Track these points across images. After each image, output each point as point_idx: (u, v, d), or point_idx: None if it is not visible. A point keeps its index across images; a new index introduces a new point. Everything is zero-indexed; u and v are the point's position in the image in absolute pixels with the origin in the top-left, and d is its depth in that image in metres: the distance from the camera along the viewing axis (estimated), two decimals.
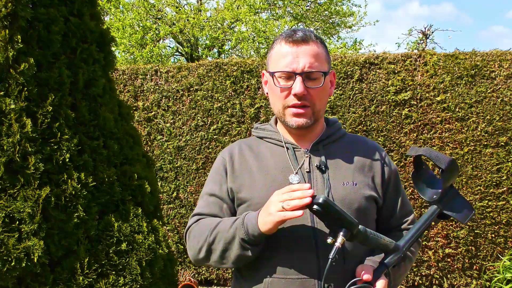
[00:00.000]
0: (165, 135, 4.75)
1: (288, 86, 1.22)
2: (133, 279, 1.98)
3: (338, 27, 13.43)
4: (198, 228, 1.27)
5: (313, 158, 1.26)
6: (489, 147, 4.27)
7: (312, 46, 1.23)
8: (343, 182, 1.23)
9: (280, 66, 1.23)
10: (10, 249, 1.73)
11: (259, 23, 11.13)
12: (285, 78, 1.23)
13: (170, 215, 4.74)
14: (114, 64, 2.34)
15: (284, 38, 1.25)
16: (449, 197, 1.17)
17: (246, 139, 1.41)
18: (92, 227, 1.95)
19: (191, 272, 4.63)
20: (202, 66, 4.73)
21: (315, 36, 1.26)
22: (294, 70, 1.20)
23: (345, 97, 4.47)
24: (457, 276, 4.34)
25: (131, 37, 11.00)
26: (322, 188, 1.21)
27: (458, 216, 1.16)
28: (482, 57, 4.32)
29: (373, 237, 1.09)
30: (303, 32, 1.24)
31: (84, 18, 2.09)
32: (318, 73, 1.22)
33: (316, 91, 1.22)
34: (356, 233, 1.05)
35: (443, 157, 1.11)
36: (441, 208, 1.16)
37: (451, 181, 1.16)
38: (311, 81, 1.22)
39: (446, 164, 1.10)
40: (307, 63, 1.20)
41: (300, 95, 1.20)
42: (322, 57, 1.24)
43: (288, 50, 1.22)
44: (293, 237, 1.17)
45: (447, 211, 1.16)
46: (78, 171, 1.92)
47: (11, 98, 1.80)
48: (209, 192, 1.33)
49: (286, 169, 1.25)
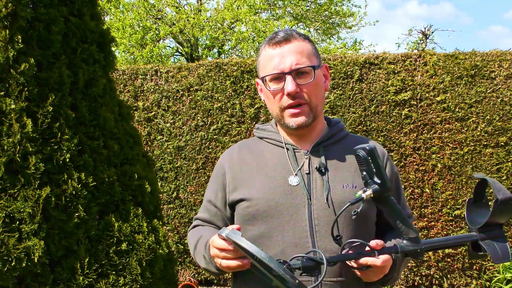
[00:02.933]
0: (165, 135, 4.75)
1: (280, 88, 1.22)
2: (133, 279, 1.98)
3: (338, 28, 13.43)
4: (191, 235, 1.38)
5: (313, 159, 1.26)
6: (489, 147, 4.28)
7: (296, 44, 1.23)
8: (343, 185, 1.22)
9: (268, 70, 1.23)
10: (10, 249, 1.73)
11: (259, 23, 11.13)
12: (275, 81, 1.23)
13: (170, 215, 4.74)
14: (114, 64, 2.34)
15: (267, 43, 1.26)
16: (493, 234, 1.11)
17: (247, 140, 1.41)
18: (92, 227, 1.95)
19: (191, 272, 4.63)
20: (202, 66, 4.73)
21: (298, 34, 1.26)
22: (282, 70, 1.21)
23: (345, 97, 4.47)
24: (457, 276, 4.34)
25: (131, 37, 11.01)
26: (322, 190, 1.21)
27: (492, 254, 1.09)
28: (482, 57, 4.32)
29: (399, 213, 1.05)
30: (284, 32, 1.25)
31: (85, 18, 2.09)
32: (307, 68, 1.21)
33: (309, 86, 1.22)
34: (386, 196, 1.02)
35: (505, 191, 1.07)
36: (478, 238, 1.10)
37: (502, 218, 1.11)
38: (302, 78, 1.21)
39: (504, 197, 1.05)
40: (294, 60, 1.20)
41: (293, 93, 1.20)
42: (308, 52, 1.24)
43: (272, 53, 1.23)
44: (291, 241, 1.17)
45: (483, 244, 1.10)
46: (78, 171, 1.93)
47: (11, 98, 1.80)
48: (207, 198, 1.38)
49: (286, 170, 1.24)
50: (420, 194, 4.39)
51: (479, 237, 1.10)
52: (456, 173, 4.32)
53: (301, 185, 1.21)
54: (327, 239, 1.16)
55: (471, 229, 1.13)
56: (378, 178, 1.00)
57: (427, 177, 4.37)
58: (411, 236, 1.07)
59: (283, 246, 1.17)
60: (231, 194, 1.29)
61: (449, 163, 4.33)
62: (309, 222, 1.17)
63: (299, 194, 1.20)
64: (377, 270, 1.09)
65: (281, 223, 1.19)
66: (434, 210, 4.36)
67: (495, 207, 1.06)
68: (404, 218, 1.06)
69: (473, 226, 1.12)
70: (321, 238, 1.16)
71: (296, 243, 1.16)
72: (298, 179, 1.22)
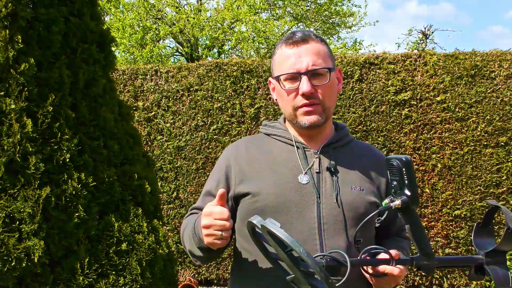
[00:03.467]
0: (165, 135, 4.75)
1: (295, 87, 1.21)
2: (133, 279, 1.98)
3: (338, 27, 13.44)
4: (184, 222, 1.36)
5: (323, 159, 1.26)
6: (489, 147, 4.28)
7: (313, 44, 1.23)
8: (351, 187, 1.23)
9: (284, 69, 1.23)
10: (10, 249, 1.73)
11: (259, 23, 11.13)
12: (290, 80, 1.23)
13: (170, 215, 4.74)
14: (114, 64, 2.34)
15: (284, 42, 1.26)
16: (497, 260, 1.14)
17: (252, 136, 1.41)
18: (92, 227, 1.95)
19: (191, 272, 4.63)
20: (202, 66, 4.73)
21: (315, 35, 1.26)
22: (298, 70, 1.20)
23: (345, 97, 4.48)
24: (457, 276, 4.34)
25: (131, 37, 11.01)
26: (331, 190, 1.21)
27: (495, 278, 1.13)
28: (482, 57, 4.32)
29: (420, 227, 1.06)
30: (302, 33, 1.25)
31: (85, 18, 2.09)
32: (323, 70, 1.22)
33: (324, 88, 1.22)
34: (412, 209, 1.03)
35: None
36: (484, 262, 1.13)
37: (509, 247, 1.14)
38: (317, 79, 1.21)
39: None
40: (310, 61, 1.20)
41: (308, 93, 1.20)
42: (325, 54, 1.24)
43: (289, 52, 1.23)
44: (299, 238, 1.16)
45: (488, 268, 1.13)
46: (78, 171, 1.93)
47: (11, 98, 1.80)
48: (206, 189, 1.36)
49: (296, 168, 1.24)
50: (420, 194, 4.38)
51: (484, 260, 1.13)
52: (456, 173, 4.32)
53: (311, 183, 1.22)
54: (334, 238, 1.17)
55: (478, 252, 1.15)
56: (409, 190, 1.01)
57: (427, 177, 4.37)
58: (427, 251, 1.08)
59: None
60: (237, 186, 1.27)
61: (449, 163, 4.33)
62: (318, 220, 1.18)
63: (308, 192, 1.21)
64: (392, 279, 1.10)
65: (289, 219, 1.19)
66: (434, 210, 4.36)
67: (506, 235, 1.08)
68: (424, 234, 1.07)
69: (480, 250, 1.15)
70: (329, 237, 1.17)
71: (303, 240, 1.16)
72: (308, 177, 1.22)
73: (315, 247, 1.16)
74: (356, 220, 1.18)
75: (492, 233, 1.18)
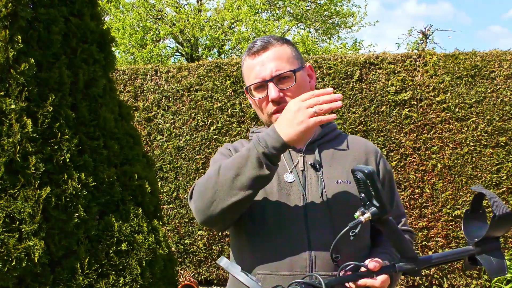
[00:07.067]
0: (165, 135, 4.75)
1: (264, 96, 1.25)
2: (133, 279, 1.98)
3: (338, 28, 13.44)
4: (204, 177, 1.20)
5: (307, 157, 1.28)
6: (489, 147, 4.28)
7: (274, 50, 1.25)
8: (337, 181, 1.24)
9: (251, 79, 1.26)
10: (10, 249, 1.73)
11: (259, 23, 11.14)
12: (259, 89, 1.26)
13: (170, 215, 4.74)
14: (114, 64, 2.34)
15: (247, 53, 1.29)
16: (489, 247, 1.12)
17: (246, 140, 1.42)
18: (92, 227, 1.95)
19: (191, 272, 4.63)
20: (202, 66, 4.73)
21: (275, 39, 1.28)
22: (264, 78, 1.23)
23: (345, 97, 4.48)
24: (457, 276, 4.34)
25: (131, 37, 11.01)
26: (316, 186, 1.23)
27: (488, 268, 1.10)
28: (482, 57, 4.32)
29: (398, 234, 1.05)
30: (261, 41, 1.27)
31: (85, 19, 2.09)
32: (288, 73, 1.23)
33: (292, 90, 1.24)
34: (385, 219, 1.02)
35: (502, 206, 1.07)
36: (475, 252, 1.11)
37: (499, 232, 1.12)
38: (284, 83, 1.24)
39: (501, 213, 1.05)
40: (273, 67, 1.23)
41: (276, 99, 1.22)
42: (288, 56, 1.26)
43: (253, 62, 1.26)
44: (286, 233, 1.19)
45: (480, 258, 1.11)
46: (79, 171, 1.93)
47: (11, 98, 1.80)
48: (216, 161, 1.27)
49: (281, 168, 1.26)
50: (420, 194, 4.38)
51: (475, 251, 1.11)
52: (456, 173, 4.32)
53: (297, 182, 1.24)
54: (321, 231, 1.18)
55: (468, 242, 1.14)
56: (377, 201, 1.00)
57: (427, 177, 4.37)
58: (409, 255, 1.07)
59: (279, 240, 1.19)
60: None
61: (449, 163, 4.33)
62: (304, 216, 1.19)
63: (294, 191, 1.23)
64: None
65: (277, 219, 1.20)
66: (434, 210, 4.36)
67: (493, 223, 1.07)
68: (403, 240, 1.07)
69: (470, 239, 1.13)
70: (316, 231, 1.18)
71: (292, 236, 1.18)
72: (293, 176, 1.24)
73: (303, 243, 1.17)
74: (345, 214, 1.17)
75: (483, 218, 1.15)
